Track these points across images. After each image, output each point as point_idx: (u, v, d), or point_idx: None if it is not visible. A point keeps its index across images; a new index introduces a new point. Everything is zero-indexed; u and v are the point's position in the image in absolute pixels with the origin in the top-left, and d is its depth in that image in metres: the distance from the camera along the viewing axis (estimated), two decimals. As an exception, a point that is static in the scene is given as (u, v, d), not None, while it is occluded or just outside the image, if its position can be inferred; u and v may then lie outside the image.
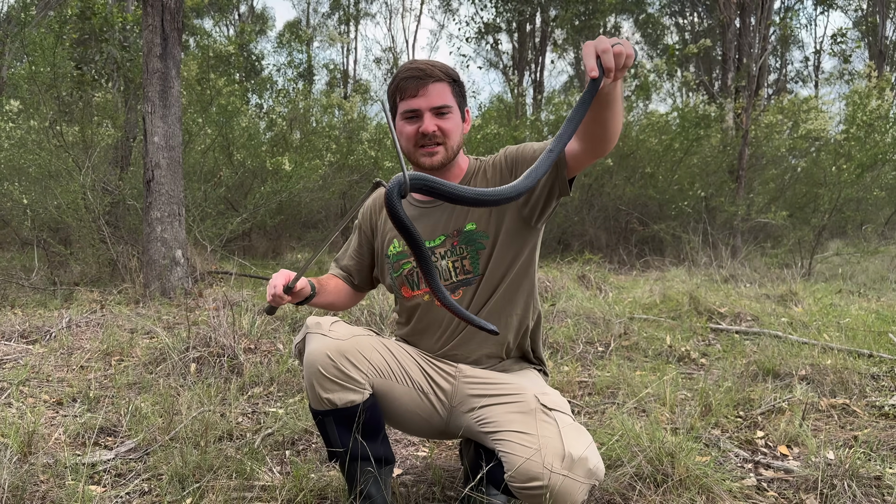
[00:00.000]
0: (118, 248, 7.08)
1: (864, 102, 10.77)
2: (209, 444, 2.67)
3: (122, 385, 3.60)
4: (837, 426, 3.06)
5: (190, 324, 4.14)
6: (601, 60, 1.47)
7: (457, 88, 2.06)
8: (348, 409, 1.97)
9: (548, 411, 1.99)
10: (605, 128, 1.75)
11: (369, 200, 2.30)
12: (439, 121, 2.01)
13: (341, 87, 24.98)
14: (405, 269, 2.14)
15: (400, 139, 2.07)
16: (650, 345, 4.44)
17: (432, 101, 2.00)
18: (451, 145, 2.04)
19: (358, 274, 2.34)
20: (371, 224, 2.29)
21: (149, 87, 6.27)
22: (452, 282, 2.09)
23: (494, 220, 2.07)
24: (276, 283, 2.01)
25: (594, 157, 1.88)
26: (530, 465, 1.82)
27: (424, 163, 2.04)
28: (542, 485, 1.80)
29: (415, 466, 2.63)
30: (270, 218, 10.19)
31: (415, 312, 2.18)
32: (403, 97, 2.02)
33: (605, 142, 1.80)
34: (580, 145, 1.85)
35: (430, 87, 1.99)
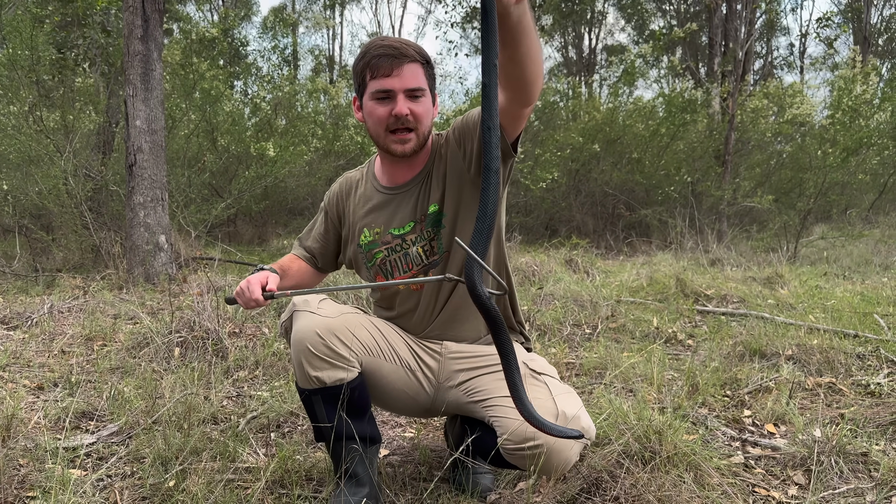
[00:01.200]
0: (101, 234, 6.98)
1: (850, 87, 10.80)
2: (193, 427, 2.64)
3: (104, 369, 3.55)
4: (824, 404, 3.06)
5: (173, 308, 4.08)
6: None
7: (429, 71, 1.98)
8: (337, 387, 1.94)
9: (537, 375, 1.99)
10: (522, 66, 1.58)
11: (336, 186, 2.27)
12: (412, 104, 1.92)
13: (327, 73, 24.78)
14: (378, 258, 2.10)
15: (368, 120, 1.99)
16: (637, 327, 4.44)
17: (406, 83, 1.90)
18: (422, 131, 1.97)
19: (322, 257, 2.32)
20: (339, 211, 2.24)
21: (130, 69, 6.17)
22: (423, 264, 2.06)
23: (452, 195, 2.01)
24: (255, 296, 1.93)
25: (520, 105, 1.72)
26: (525, 426, 1.81)
27: (396, 150, 1.96)
28: (537, 444, 1.80)
29: (402, 447, 2.61)
30: (255, 203, 10.10)
31: (395, 299, 2.14)
32: (375, 76, 1.91)
33: (526, 84, 1.63)
34: (502, 94, 1.69)
35: (404, 68, 1.90)
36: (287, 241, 10.28)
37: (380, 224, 2.09)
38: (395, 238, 2.07)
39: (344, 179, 2.26)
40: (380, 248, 2.10)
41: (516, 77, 1.62)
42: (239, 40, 18.16)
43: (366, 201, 2.15)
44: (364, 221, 2.13)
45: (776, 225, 9.57)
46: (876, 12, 24.91)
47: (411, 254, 2.07)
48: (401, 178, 2.08)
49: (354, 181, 2.23)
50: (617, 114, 12.17)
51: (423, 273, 2.06)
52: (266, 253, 9.31)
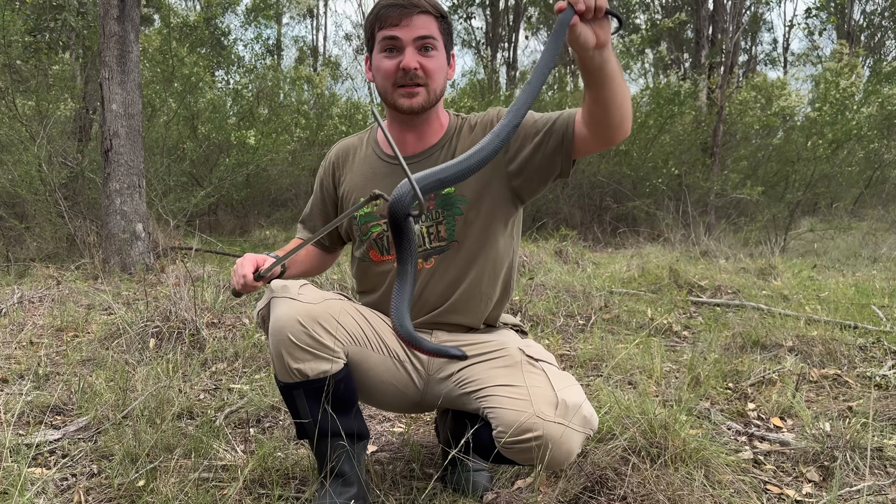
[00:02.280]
0: (76, 223, 6.75)
1: (836, 81, 10.76)
2: (166, 421, 2.46)
3: (74, 361, 3.36)
4: (830, 397, 2.94)
5: (147, 297, 3.89)
6: None
7: (444, 26, 1.81)
8: (320, 380, 1.77)
9: (534, 362, 1.83)
10: (606, 110, 1.55)
11: (332, 152, 2.07)
12: (423, 58, 1.76)
13: (311, 63, 24.47)
14: (374, 231, 1.92)
15: (376, 77, 1.83)
16: (632, 317, 4.31)
17: (416, 31, 1.74)
18: (433, 87, 1.79)
19: (328, 236, 2.11)
20: (335, 180, 2.05)
21: (106, 51, 5.94)
22: (426, 249, 1.88)
23: (476, 184, 1.84)
24: (246, 272, 1.79)
25: (601, 144, 1.68)
26: (521, 417, 1.66)
27: (402, 104, 1.79)
28: (536, 435, 1.64)
29: (391, 443, 2.45)
30: (237, 192, 9.86)
31: (383, 280, 1.96)
32: (383, 26, 1.76)
33: (609, 127, 1.59)
34: (586, 130, 1.66)
35: (414, 18, 1.74)
36: (269, 233, 10.05)
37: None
38: None
39: (340, 146, 2.07)
40: (377, 221, 1.92)
41: (599, 119, 1.59)
42: (221, 29, 17.85)
43: (365, 169, 1.97)
44: (362, 191, 1.95)
45: (765, 217, 9.50)
46: (858, 8, 25.02)
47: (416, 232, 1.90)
48: (409, 147, 1.90)
49: (352, 147, 2.04)
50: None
51: (422, 253, 1.89)
52: (248, 244, 9.10)
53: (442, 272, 1.89)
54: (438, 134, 1.90)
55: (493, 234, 1.89)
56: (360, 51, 28.90)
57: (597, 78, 1.48)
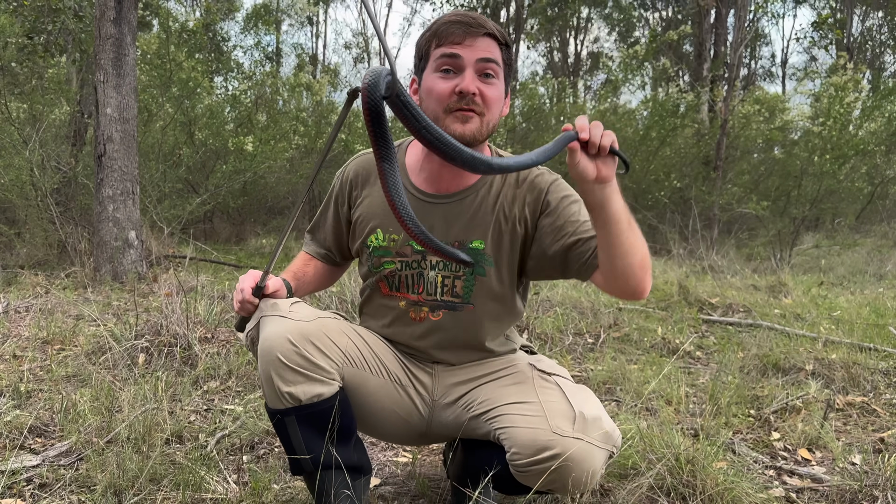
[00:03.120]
0: (67, 229, 6.57)
1: (841, 95, 10.66)
2: (154, 447, 2.29)
3: (59, 377, 3.18)
4: (858, 427, 2.78)
5: (138, 310, 3.72)
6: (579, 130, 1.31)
7: (507, 56, 1.63)
8: (314, 405, 1.60)
9: (547, 376, 1.67)
10: (609, 255, 1.48)
11: (351, 168, 1.85)
12: (482, 84, 1.56)
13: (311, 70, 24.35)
14: (386, 268, 1.75)
15: (425, 100, 1.62)
16: (643, 336, 4.14)
17: (479, 53, 1.55)
18: (488, 119, 1.59)
19: (339, 251, 1.93)
20: (349, 199, 1.84)
21: (101, 53, 5.78)
22: (435, 300, 1.72)
23: (506, 245, 1.69)
24: (244, 286, 1.64)
25: (612, 292, 1.59)
26: (537, 434, 1.50)
27: (455, 129, 1.57)
28: (554, 453, 1.47)
29: (394, 475, 2.28)
30: (233, 199, 9.68)
31: (388, 313, 1.80)
32: (442, 43, 1.57)
33: (615, 276, 1.51)
34: (601, 276, 1.57)
35: (479, 40, 1.56)
36: (266, 241, 9.88)
37: (400, 231, 1.73)
38: (415, 253, 1.72)
39: (361, 162, 1.84)
40: (392, 258, 1.74)
41: (604, 263, 1.52)
42: (220, 35, 17.75)
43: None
44: (379, 221, 1.75)
45: (770, 232, 9.36)
46: (858, 23, 25.05)
47: (427, 277, 1.73)
48: (445, 185, 1.71)
49: (374, 166, 1.81)
50: (606, 116, 11.94)
51: (432, 303, 1.74)
52: (243, 252, 8.92)
53: (448, 328, 1.75)
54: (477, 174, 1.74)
55: (508, 301, 1.76)
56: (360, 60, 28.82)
57: (598, 215, 1.42)
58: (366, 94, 1.06)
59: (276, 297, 1.71)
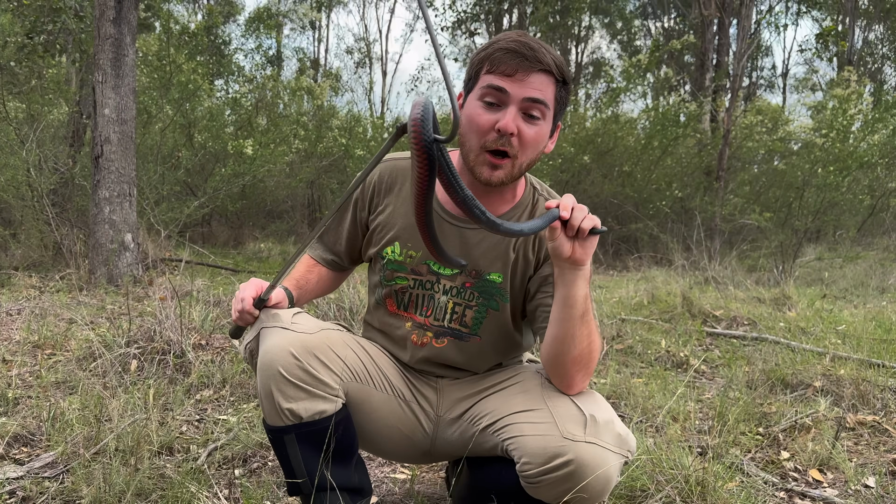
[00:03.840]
0: (63, 231, 6.49)
1: (845, 107, 10.62)
2: (143, 460, 2.20)
3: (48, 384, 3.10)
4: (870, 447, 2.70)
5: (131, 314, 3.64)
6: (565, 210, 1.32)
7: (562, 94, 1.53)
8: (315, 422, 1.52)
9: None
10: (552, 339, 1.47)
11: (377, 172, 1.73)
12: (524, 124, 1.47)
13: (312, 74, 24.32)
14: (398, 283, 1.68)
15: (466, 126, 1.53)
16: (646, 349, 4.06)
17: (528, 91, 1.46)
18: (521, 162, 1.52)
19: (349, 255, 1.84)
20: (370, 204, 1.73)
21: (100, 53, 5.71)
22: (442, 326, 1.66)
23: (519, 283, 1.65)
24: (245, 296, 1.56)
25: (549, 374, 1.57)
26: (547, 441, 1.42)
27: (482, 174, 1.51)
28: (567, 460, 1.39)
29: (392, 493, 2.19)
30: (231, 203, 9.60)
31: (389, 333, 1.74)
32: (493, 70, 1.47)
33: (548, 363, 1.52)
34: (542, 352, 1.55)
35: (532, 76, 1.46)
36: (264, 245, 9.80)
37: (419, 248, 1.65)
38: (430, 273, 1.66)
39: (389, 168, 1.72)
40: (407, 274, 1.68)
41: (545, 342, 1.51)
42: (222, 38, 17.70)
43: (411, 210, 1.67)
44: (399, 234, 1.67)
45: (773, 243, 9.30)
46: (860, 34, 25.07)
47: (438, 301, 1.66)
48: None
49: (404, 175, 1.71)
50: (609, 124, 11.89)
51: (438, 329, 1.68)
52: (241, 256, 8.84)
53: (452, 355, 1.69)
54: (509, 204, 1.66)
55: (517, 337, 1.72)
56: (362, 65, 28.81)
57: (558, 293, 1.42)
58: (416, 130, 1.00)
59: (278, 308, 1.63)
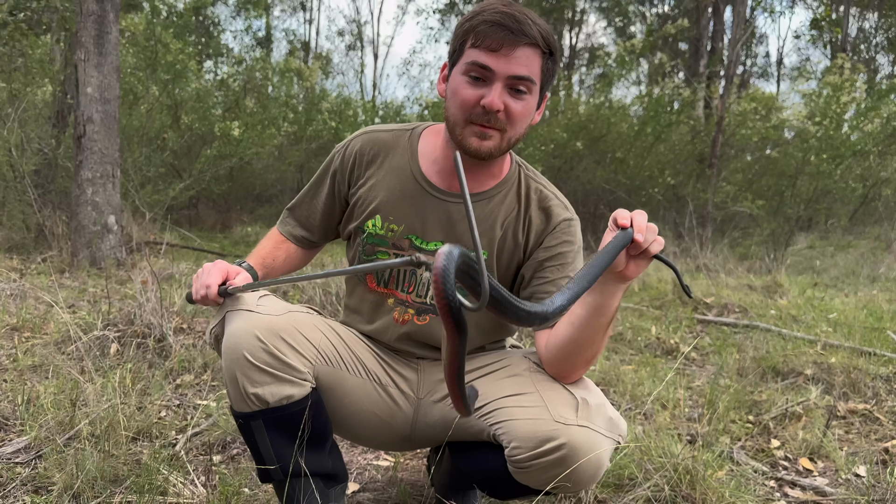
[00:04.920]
0: (45, 212, 6.37)
1: (838, 95, 10.57)
2: (118, 445, 2.14)
3: (24, 367, 3.02)
4: (861, 435, 2.67)
5: (111, 297, 3.56)
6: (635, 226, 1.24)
7: (549, 65, 1.47)
8: (283, 408, 1.46)
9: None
10: (568, 339, 1.43)
11: (357, 143, 1.67)
12: (511, 100, 1.43)
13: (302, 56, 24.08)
14: (378, 258, 1.62)
15: (450, 99, 1.48)
16: (637, 335, 4.02)
17: (513, 68, 1.40)
18: (510, 135, 1.47)
19: (323, 233, 1.77)
20: (350, 177, 1.67)
21: (83, 31, 5.58)
22: (424, 303, 1.61)
23: (505, 262, 1.60)
24: (210, 282, 1.48)
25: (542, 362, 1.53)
26: (538, 425, 1.38)
27: (470, 145, 1.46)
28: (559, 444, 1.35)
29: (374, 480, 2.14)
30: (217, 185, 9.47)
31: (372, 309, 1.68)
32: (478, 44, 1.41)
33: (557, 357, 1.47)
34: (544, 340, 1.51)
35: (518, 50, 1.40)
36: (252, 230, 9.69)
37: (401, 222, 1.60)
38: (412, 248, 1.60)
39: (370, 140, 1.67)
40: (387, 249, 1.61)
41: (558, 338, 1.46)
42: (210, 19, 17.47)
43: (397, 186, 1.61)
44: (381, 207, 1.61)
45: (765, 231, 9.27)
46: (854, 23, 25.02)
47: (420, 277, 1.60)
48: (457, 184, 1.59)
49: (386, 147, 1.65)
50: (602, 109, 11.81)
51: (420, 305, 1.62)
52: (228, 240, 8.74)
53: (432, 334, 1.63)
54: (496, 179, 1.60)
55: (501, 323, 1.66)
56: (353, 48, 28.54)
57: (592, 301, 1.36)
58: (438, 286, 0.86)
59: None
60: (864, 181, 12.05)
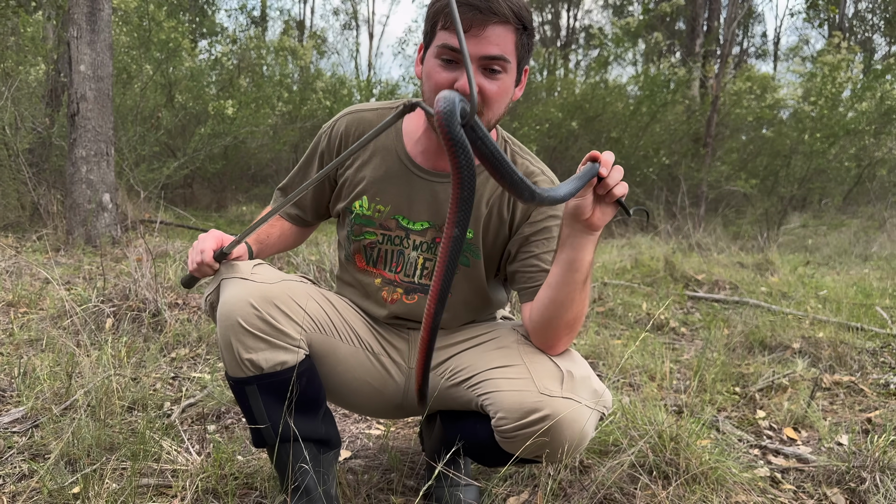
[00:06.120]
0: (40, 191, 6.37)
1: (834, 75, 10.56)
2: (113, 415, 2.17)
3: (21, 341, 3.05)
4: (845, 406, 2.72)
5: (105, 273, 3.58)
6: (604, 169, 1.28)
7: (523, 39, 1.45)
8: (277, 373, 1.49)
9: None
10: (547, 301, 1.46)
11: (342, 124, 1.68)
12: (486, 81, 1.41)
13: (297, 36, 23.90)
14: (366, 238, 1.64)
15: (425, 82, 1.47)
16: (627, 311, 4.06)
17: (484, 48, 1.38)
18: (489, 117, 1.46)
19: (315, 212, 1.80)
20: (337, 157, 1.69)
21: (75, 8, 5.55)
22: (412, 282, 1.63)
23: (491, 239, 1.60)
24: (205, 247, 1.51)
25: (529, 334, 1.56)
26: (524, 397, 1.42)
27: None
28: (543, 415, 1.39)
29: (366, 448, 2.18)
30: (212, 164, 9.45)
31: (360, 289, 1.71)
32: (448, 26, 1.40)
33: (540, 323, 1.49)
34: (527, 311, 1.55)
35: (489, 29, 1.37)
36: (247, 209, 9.70)
37: (388, 202, 1.61)
38: (399, 227, 1.62)
39: (354, 119, 1.67)
40: (375, 229, 1.64)
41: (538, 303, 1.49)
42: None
43: (380, 163, 1.63)
44: (367, 187, 1.63)
45: (758, 210, 9.30)
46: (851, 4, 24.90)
47: (408, 257, 1.62)
48: (442, 163, 1.59)
49: (371, 127, 1.65)
50: (597, 89, 11.78)
51: (408, 285, 1.64)
52: (223, 219, 8.75)
53: (420, 312, 1.64)
54: None
55: (488, 293, 1.68)
56: (349, 27, 28.33)
57: (563, 255, 1.39)
58: (443, 125, 0.91)
59: (238, 260, 1.59)
60: (860, 161, 12.07)
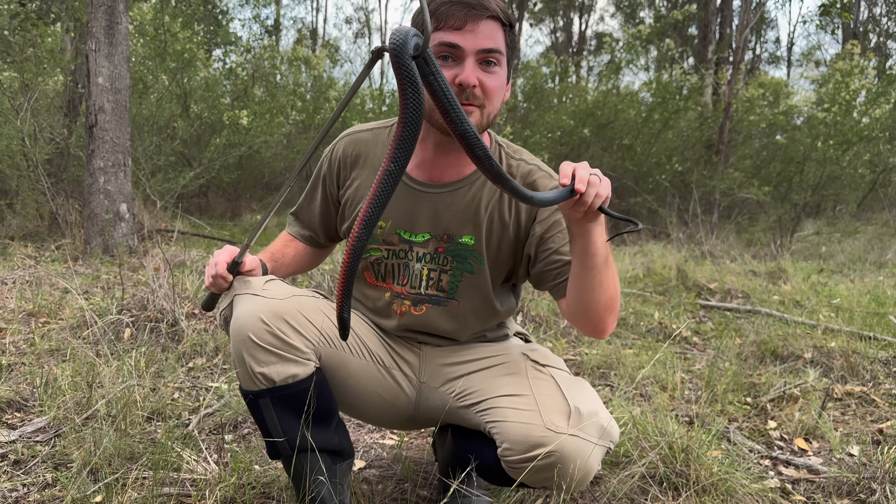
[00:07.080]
0: (58, 201, 6.47)
1: (847, 81, 10.51)
2: (134, 425, 2.22)
3: (41, 351, 3.11)
4: (857, 417, 2.72)
5: (124, 283, 3.64)
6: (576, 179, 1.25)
7: (511, 38, 1.51)
8: (288, 386, 1.53)
9: (541, 367, 1.60)
10: (580, 291, 1.46)
11: (339, 148, 1.73)
12: (484, 74, 1.46)
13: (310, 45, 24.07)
14: (372, 255, 1.67)
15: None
16: (639, 320, 4.08)
17: (480, 42, 1.44)
18: (488, 111, 1.50)
19: (325, 233, 1.84)
20: (338, 180, 1.74)
21: (93, 21, 5.65)
22: (419, 294, 1.65)
23: (495, 244, 1.62)
24: (219, 261, 1.56)
25: (576, 327, 1.59)
26: (530, 430, 1.43)
27: None
28: (548, 451, 1.41)
29: (380, 458, 2.22)
30: (227, 173, 9.55)
31: (371, 304, 1.75)
32: (442, 26, 1.44)
33: (581, 313, 1.49)
34: (565, 305, 1.56)
35: (481, 24, 1.43)
36: (261, 217, 9.78)
37: (388, 218, 1.64)
38: (402, 241, 1.65)
39: (351, 141, 1.72)
40: (379, 245, 1.66)
41: (573, 294, 1.49)
42: (219, 7, 17.49)
43: None
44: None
45: (771, 218, 9.27)
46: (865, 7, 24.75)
47: (413, 269, 1.65)
48: (437, 173, 1.62)
49: (365, 146, 1.70)
50: (609, 96, 11.78)
51: (415, 297, 1.67)
52: (238, 228, 8.83)
53: (432, 321, 1.67)
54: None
55: (496, 300, 1.69)
56: (361, 35, 28.47)
57: (576, 244, 1.40)
58: (394, 55, 0.97)
59: (252, 275, 1.63)
60: (874, 167, 11.99)
